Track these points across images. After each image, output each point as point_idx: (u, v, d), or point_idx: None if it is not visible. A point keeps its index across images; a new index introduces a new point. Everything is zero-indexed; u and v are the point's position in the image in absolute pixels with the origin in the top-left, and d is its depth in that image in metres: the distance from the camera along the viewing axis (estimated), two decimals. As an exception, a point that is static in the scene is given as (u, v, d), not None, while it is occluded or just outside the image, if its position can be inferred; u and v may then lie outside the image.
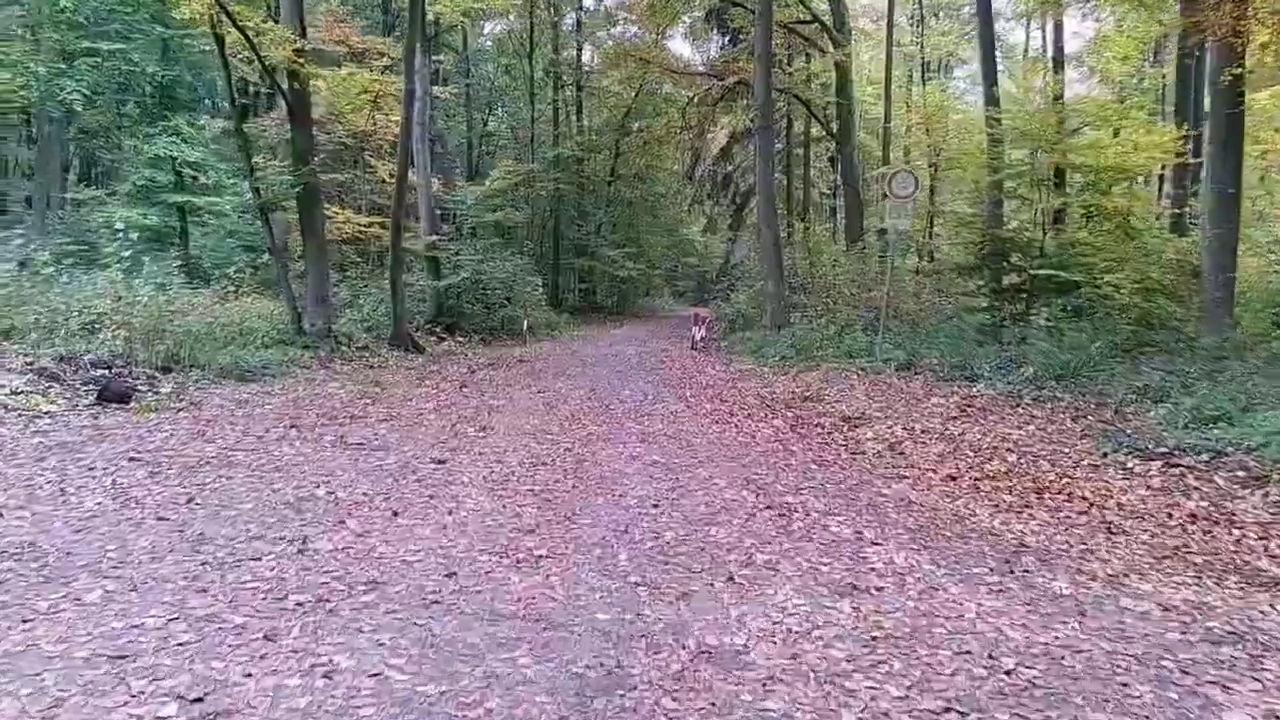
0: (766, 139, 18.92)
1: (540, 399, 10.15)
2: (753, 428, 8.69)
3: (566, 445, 7.32)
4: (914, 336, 14.57)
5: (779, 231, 19.25)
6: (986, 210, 18.14)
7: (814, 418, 9.41)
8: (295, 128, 13.71)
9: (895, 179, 13.34)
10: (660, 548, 4.61)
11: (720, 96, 28.34)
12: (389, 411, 8.76)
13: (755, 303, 20.96)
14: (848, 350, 13.70)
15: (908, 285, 18.85)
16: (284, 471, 5.95)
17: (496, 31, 31.97)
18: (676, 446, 7.49)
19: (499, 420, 8.48)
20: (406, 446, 7.00)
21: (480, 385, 11.27)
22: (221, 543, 4.38)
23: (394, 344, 15.24)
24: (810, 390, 11.12)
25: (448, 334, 17.71)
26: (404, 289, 15.71)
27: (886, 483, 6.47)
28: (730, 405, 10.24)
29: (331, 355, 13.61)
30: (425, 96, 17.96)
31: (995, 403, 9.85)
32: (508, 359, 15.15)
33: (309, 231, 13.93)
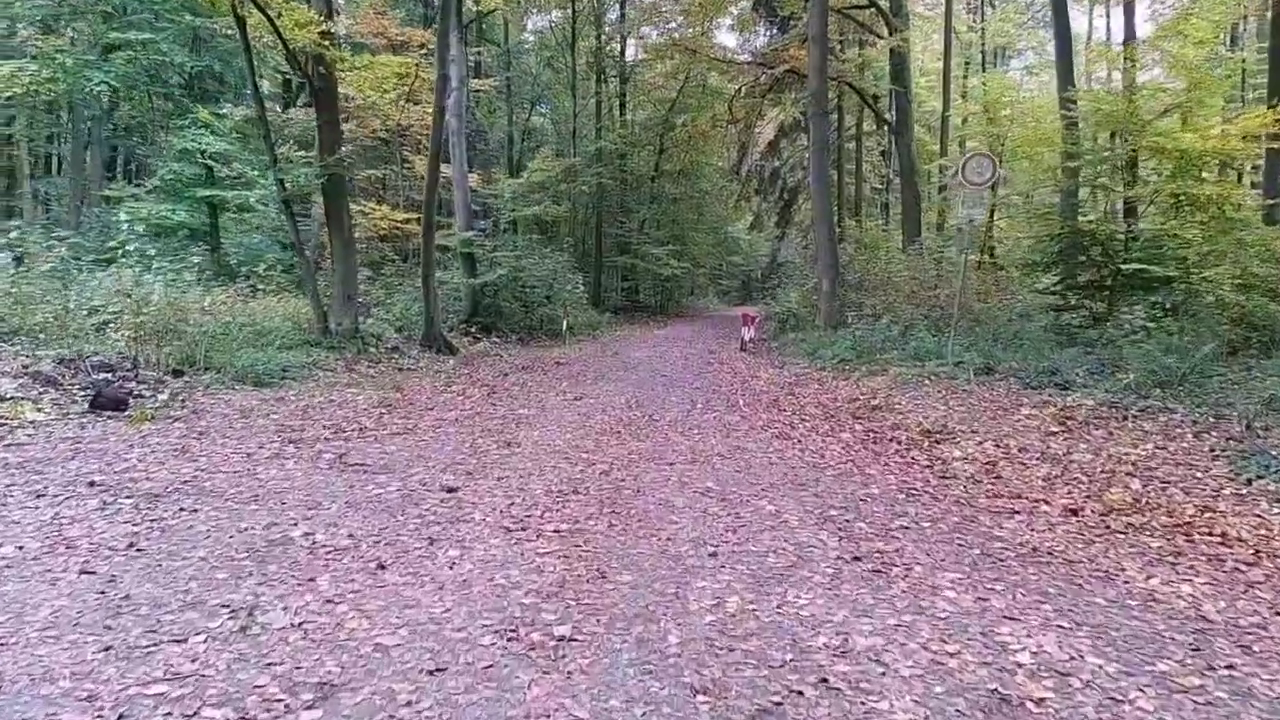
0: (820, 127, 17.55)
1: (576, 408, 9.00)
2: (819, 444, 7.43)
3: (603, 467, 6.14)
4: (986, 338, 13.15)
5: (834, 226, 17.89)
6: (1062, 201, 16.60)
7: (887, 431, 8.12)
8: (321, 116, 12.78)
9: (970, 164, 11.94)
10: (722, 623, 3.41)
11: (769, 88, 26.99)
12: (405, 423, 7.69)
13: (807, 302, 19.61)
14: (914, 353, 12.33)
15: (973, 282, 17.34)
16: (262, 502, 4.88)
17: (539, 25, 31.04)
18: (733, 468, 6.27)
19: (527, 434, 7.34)
20: (415, 468, 5.89)
21: (511, 391, 10.16)
22: (145, 612, 3.29)
23: (425, 345, 14.26)
24: (878, 398, 9.81)
25: (484, 334, 16.69)
26: (436, 287, 14.72)
27: (995, 520, 5.18)
28: (790, 415, 8.99)
29: (358, 357, 12.66)
30: (461, 87, 16.97)
31: (1098, 415, 8.44)
32: (545, 361, 14.05)
33: (335, 226, 12.99)
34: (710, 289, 41.82)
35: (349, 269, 13.08)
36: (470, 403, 9.06)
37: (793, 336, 17.30)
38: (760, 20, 28.21)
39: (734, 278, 45.99)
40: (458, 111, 16.76)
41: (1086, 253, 15.73)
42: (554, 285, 19.22)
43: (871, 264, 18.91)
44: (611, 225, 28.10)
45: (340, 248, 13.02)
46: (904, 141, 22.21)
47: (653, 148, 29.24)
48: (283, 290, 14.81)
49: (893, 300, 16.90)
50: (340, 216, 12.95)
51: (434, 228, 14.47)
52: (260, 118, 12.42)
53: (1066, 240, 15.72)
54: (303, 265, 12.94)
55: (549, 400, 9.47)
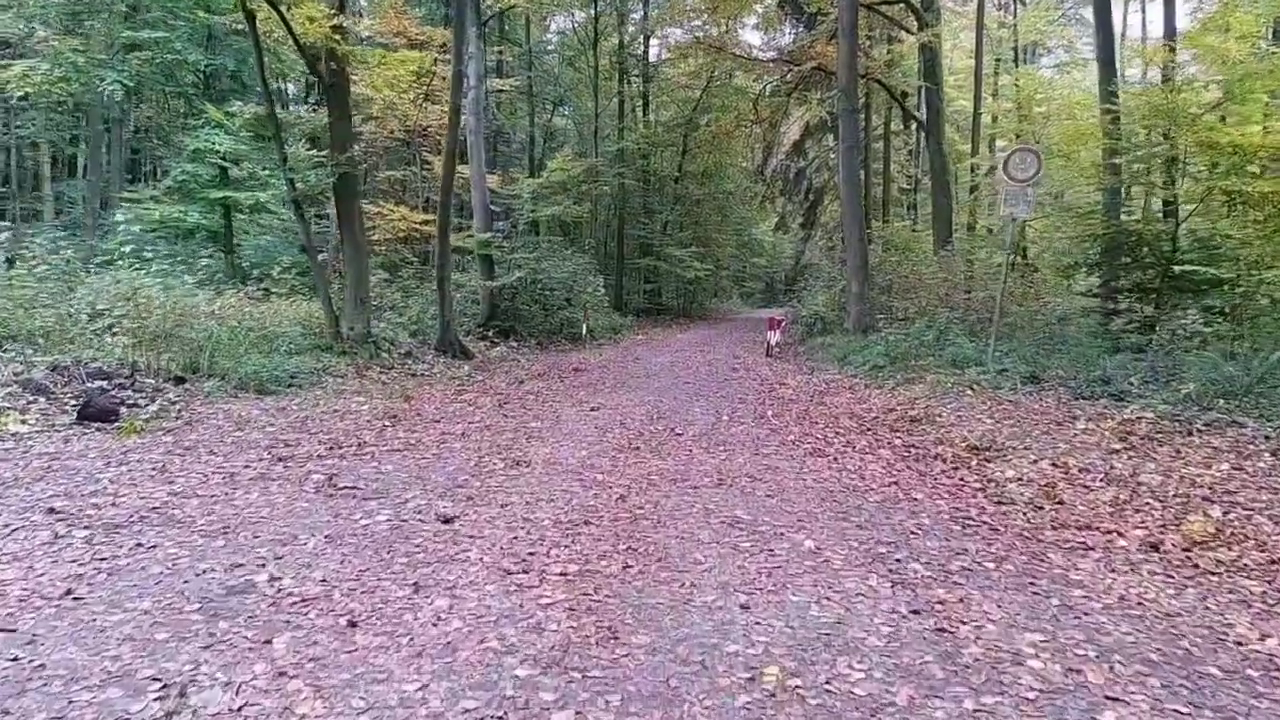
0: (851, 124, 16.80)
1: (593, 420, 8.35)
2: (857, 462, 6.72)
3: (620, 491, 5.49)
4: (1029, 343, 12.36)
5: (864, 226, 17.13)
6: (1105, 200, 15.71)
7: (930, 447, 7.40)
8: (333, 113, 12.28)
9: (1013, 159, 11.16)
10: (760, 706, 2.75)
11: (795, 86, 26.26)
12: (408, 437, 7.08)
13: (835, 305, 18.85)
14: (952, 359, 11.58)
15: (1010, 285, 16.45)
16: (232, 536, 4.28)
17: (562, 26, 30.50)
18: (764, 493, 5.59)
19: (539, 450, 6.70)
20: (411, 492, 5.26)
21: (525, 401, 9.53)
22: (58, 689, 2.68)
23: (440, 349, 13.70)
24: (917, 409, 9.08)
25: (501, 338, 16.11)
26: (451, 290, 14.16)
27: (1068, 558, 4.47)
28: (823, 428, 8.28)
29: (370, 362, 12.12)
30: (480, 84, 16.43)
31: (1160, 429, 7.67)
32: (563, 367, 13.44)
33: (347, 228, 12.47)
34: (734, 291, 41.09)
35: (361, 271, 12.55)
36: (481, 414, 8.44)
37: (821, 341, 16.56)
38: (786, 18, 27.43)
39: (758, 280, 45.20)
40: (476, 110, 16.21)
41: (1132, 253, 14.87)
42: (574, 288, 18.62)
43: (902, 266, 18.11)
44: (634, 226, 27.47)
45: (352, 249, 12.49)
46: (935, 140, 21.36)
47: (676, 148, 28.59)
48: (296, 293, 14.32)
49: (925, 304, 16.12)
50: (352, 217, 12.42)
51: (449, 229, 13.91)
52: (270, 115, 11.92)
53: (1110, 240, 14.88)
54: (314, 267, 12.43)
55: (564, 411, 8.83)
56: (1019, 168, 11.11)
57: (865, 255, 16.56)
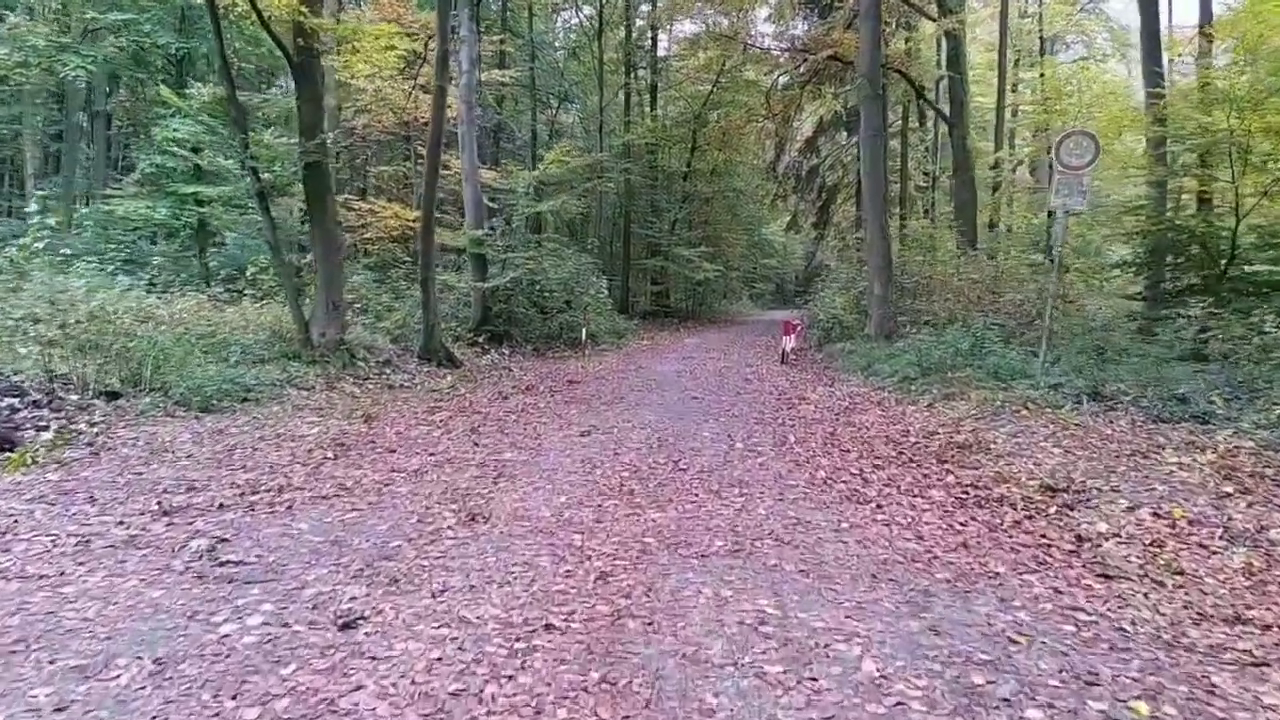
0: (874, 112, 15.30)
1: (581, 449, 6.88)
2: (908, 512, 5.24)
3: (601, 564, 4.02)
4: (1075, 352, 10.86)
5: (887, 223, 15.62)
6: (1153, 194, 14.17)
7: (991, 485, 5.92)
8: (301, 95, 10.87)
9: (1065, 144, 9.64)
10: None
11: (808, 79, 24.70)
12: (347, 476, 5.63)
13: (855, 307, 17.34)
14: (993, 370, 10.07)
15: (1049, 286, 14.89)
16: (15, 663, 2.85)
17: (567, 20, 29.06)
18: (796, 565, 4.11)
19: (506, 497, 5.23)
20: (318, 570, 3.81)
21: (505, 422, 8.06)
22: None
23: (424, 357, 12.29)
24: (964, 432, 7.59)
25: (494, 344, 14.68)
26: (437, 292, 12.73)
27: (1239, 683, 3.01)
28: (856, 458, 6.80)
29: (342, 372, 10.73)
30: (473, 70, 14.99)
31: (1268, 464, 6.17)
32: (557, 377, 11.98)
33: (317, 222, 11.06)
34: (744, 293, 39.54)
35: (333, 272, 11.14)
36: (448, 441, 6.98)
37: (840, 347, 15.06)
38: (799, 8, 25.88)
39: (768, 281, 43.64)
40: (468, 98, 14.79)
41: (1183, 252, 13.35)
42: (574, 289, 17.17)
43: (926, 266, 16.59)
44: (641, 226, 25.99)
45: (323, 248, 11.08)
46: (958, 133, 19.83)
47: (685, 144, 27.11)
48: (272, 296, 12.94)
49: (954, 307, 14.60)
50: (324, 211, 11.01)
51: (433, 225, 12.48)
52: (230, 97, 10.51)
53: (1158, 238, 13.37)
54: (280, 268, 11.04)
55: (549, 436, 7.36)
56: (1073, 153, 9.59)
57: (888, 254, 15.06)
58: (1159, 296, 13.67)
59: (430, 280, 12.34)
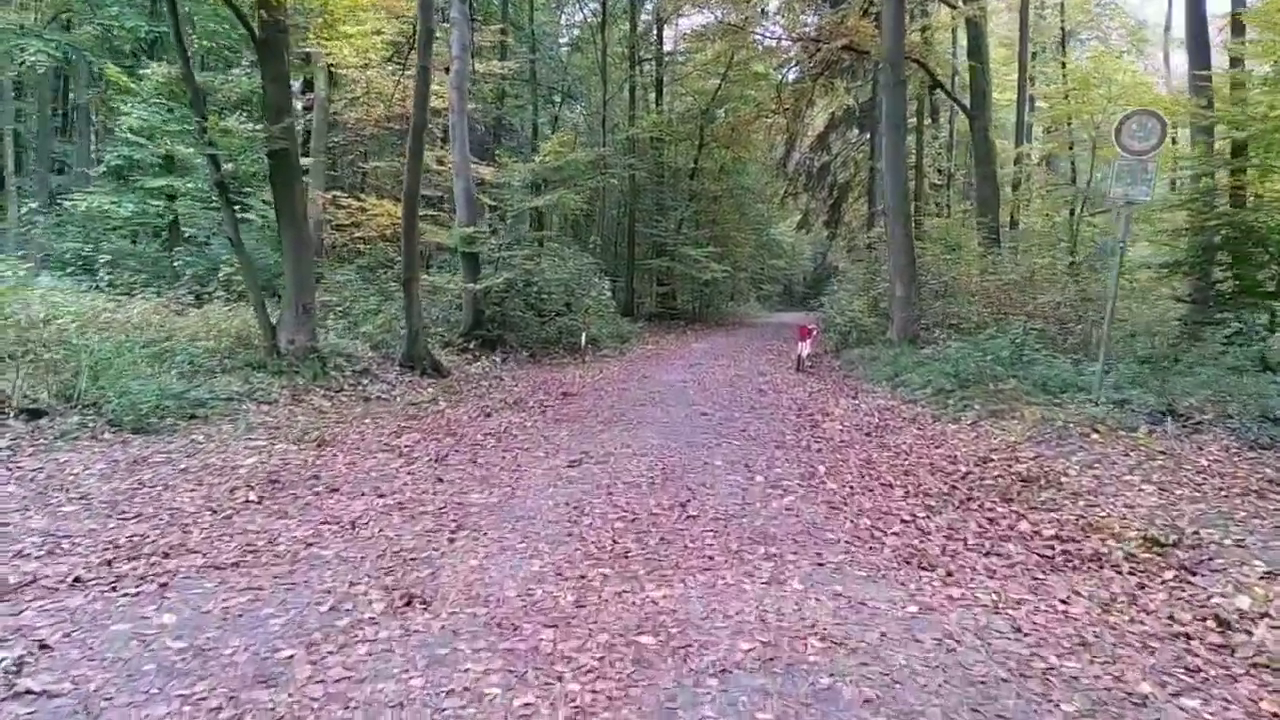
0: (895, 102, 13.97)
1: (566, 486, 5.59)
2: (985, 578, 3.95)
3: (577, 688, 2.74)
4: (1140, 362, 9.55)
5: (910, 220, 14.29)
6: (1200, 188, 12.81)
7: (1079, 537, 4.64)
8: (266, 74, 9.62)
9: (1127, 125, 8.32)
10: None
11: (819, 72, 23.36)
12: (260, 532, 4.35)
13: (873, 310, 16.02)
14: (1041, 382, 8.76)
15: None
16: None
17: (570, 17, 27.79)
18: (856, 686, 2.83)
19: (461, 563, 3.95)
20: (151, 712, 2.56)
21: (481, 448, 6.76)
22: None
23: (407, 365, 11.04)
24: (1025, 460, 6.30)
25: (487, 349, 13.40)
26: (420, 294, 11.46)
27: None
28: (903, 496, 5.50)
29: (312, 384, 9.49)
30: (464, 55, 13.72)
31: None
32: (551, 388, 10.69)
33: (285, 216, 9.80)
34: (752, 294, 38.14)
35: (303, 271, 9.89)
36: (407, 474, 5.71)
37: (859, 353, 13.75)
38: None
39: (776, 282, 42.26)
40: (459, 85, 13.51)
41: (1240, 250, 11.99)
42: (575, 291, 15.89)
43: (950, 265, 15.23)
44: (646, 225, 24.67)
45: (292, 245, 9.83)
46: (980, 125, 18.49)
47: (692, 141, 25.79)
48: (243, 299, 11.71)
49: (983, 310, 13.27)
50: (291, 204, 9.76)
51: (416, 221, 11.22)
52: (185, 77, 9.28)
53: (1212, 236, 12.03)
54: (242, 267, 9.81)
55: (530, 468, 6.07)
56: (1135, 136, 8.27)
57: (911, 253, 13.74)
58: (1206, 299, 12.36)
59: (414, 281, 11.09)
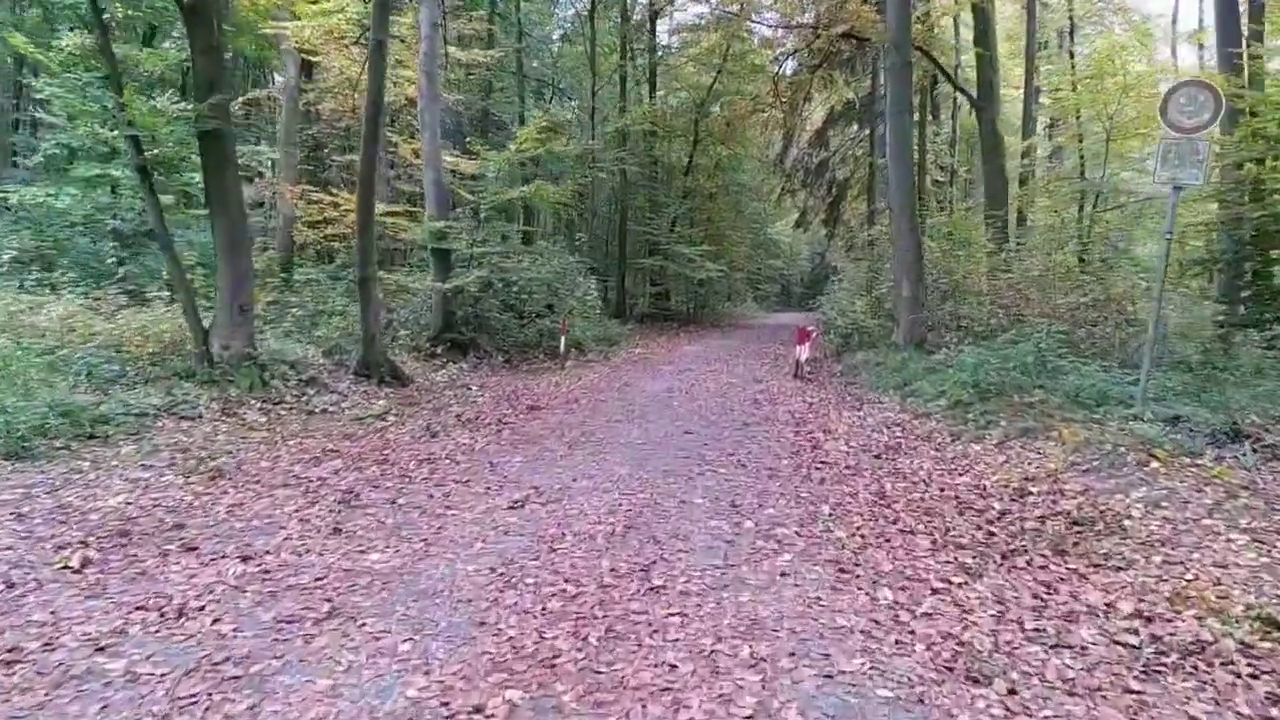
0: (901, 86, 12.70)
1: (501, 536, 4.33)
2: (1064, 698, 2.72)
3: None
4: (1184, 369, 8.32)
5: (917, 214, 13.02)
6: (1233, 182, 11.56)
7: (1169, 615, 3.39)
8: (195, 44, 8.35)
9: (1174, 99, 7.07)
10: None
11: (819, 62, 22.10)
12: (48, 621, 3.12)
13: (876, 311, 14.77)
14: (1074, 394, 7.51)
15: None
16: None
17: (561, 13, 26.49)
18: None
19: (303, 686, 2.70)
20: None
21: (407, 481, 5.46)
22: None
23: (362, 373, 9.80)
24: (1072, 494, 5.06)
25: (459, 354, 12.15)
26: (379, 295, 10.20)
27: None
28: (930, 547, 4.24)
29: (248, 394, 8.26)
30: (434, 34, 12.46)
31: None
32: (519, 399, 9.43)
33: (217, 205, 8.55)
34: (748, 294, 36.83)
35: (239, 268, 8.63)
36: (297, 523, 4.45)
37: (862, 358, 12.50)
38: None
39: (773, 282, 40.99)
40: (429, 68, 12.25)
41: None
42: (558, 291, 14.65)
43: (959, 263, 13.94)
44: (639, 223, 23.40)
45: (226, 237, 8.58)
46: (988, 116, 17.26)
47: (686, 137, 24.53)
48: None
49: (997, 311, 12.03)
50: (224, 190, 8.50)
51: (373, 213, 9.97)
52: (102, 48, 8.04)
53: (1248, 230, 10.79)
54: (169, 263, 8.57)
55: (460, 511, 4.80)
56: (1185, 110, 7.03)
57: (919, 250, 12.48)
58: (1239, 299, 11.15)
59: (370, 281, 9.84)
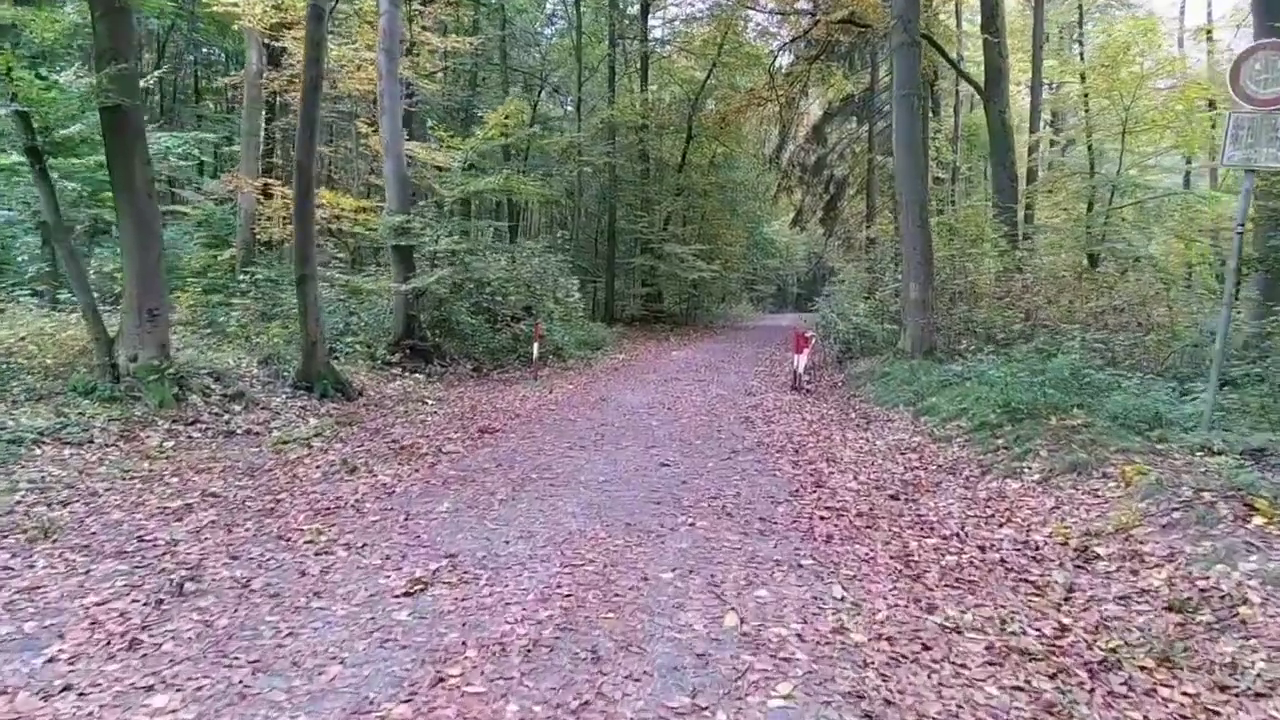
0: (909, 66, 11.46)
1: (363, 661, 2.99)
2: None
3: None
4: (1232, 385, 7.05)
5: (927, 209, 11.74)
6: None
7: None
8: (95, 7, 7.08)
9: (1248, 65, 5.79)
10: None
11: (817, 53, 20.85)
12: None
13: (880, 315, 13.50)
14: (1121, 415, 6.24)
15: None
16: None
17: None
18: None
19: None
20: None
21: (276, 550, 4.10)
22: None
23: (302, 385, 8.50)
24: (1150, 560, 3.77)
25: (421, 362, 10.86)
26: (319, 295, 8.88)
27: None
28: (983, 657, 2.97)
29: (158, 412, 6.98)
30: (394, 9, 11.12)
31: None
32: (474, 418, 8.11)
33: (122, 193, 7.25)
34: (743, 295, 35.55)
35: (148, 266, 7.33)
36: (90, 622, 3.17)
37: (866, 367, 11.24)
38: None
39: (769, 283, 39.73)
40: (388, 45, 10.95)
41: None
42: (537, 292, 13.36)
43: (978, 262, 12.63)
44: (629, 221, 22.13)
45: (133, 230, 7.28)
46: (996, 108, 15.89)
47: (679, 133, 23.25)
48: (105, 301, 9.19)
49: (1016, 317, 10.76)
50: (130, 175, 7.20)
51: (312, 202, 8.66)
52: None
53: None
54: (66, 259, 7.28)
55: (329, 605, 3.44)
56: (1260, 79, 5.75)
57: (929, 249, 11.22)
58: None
59: (310, 280, 8.54)
